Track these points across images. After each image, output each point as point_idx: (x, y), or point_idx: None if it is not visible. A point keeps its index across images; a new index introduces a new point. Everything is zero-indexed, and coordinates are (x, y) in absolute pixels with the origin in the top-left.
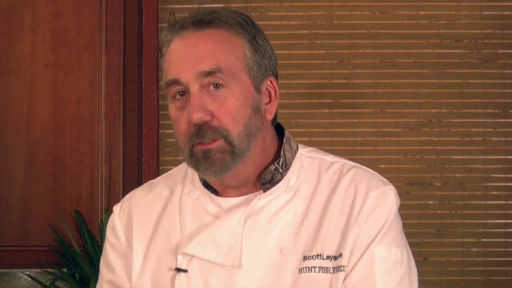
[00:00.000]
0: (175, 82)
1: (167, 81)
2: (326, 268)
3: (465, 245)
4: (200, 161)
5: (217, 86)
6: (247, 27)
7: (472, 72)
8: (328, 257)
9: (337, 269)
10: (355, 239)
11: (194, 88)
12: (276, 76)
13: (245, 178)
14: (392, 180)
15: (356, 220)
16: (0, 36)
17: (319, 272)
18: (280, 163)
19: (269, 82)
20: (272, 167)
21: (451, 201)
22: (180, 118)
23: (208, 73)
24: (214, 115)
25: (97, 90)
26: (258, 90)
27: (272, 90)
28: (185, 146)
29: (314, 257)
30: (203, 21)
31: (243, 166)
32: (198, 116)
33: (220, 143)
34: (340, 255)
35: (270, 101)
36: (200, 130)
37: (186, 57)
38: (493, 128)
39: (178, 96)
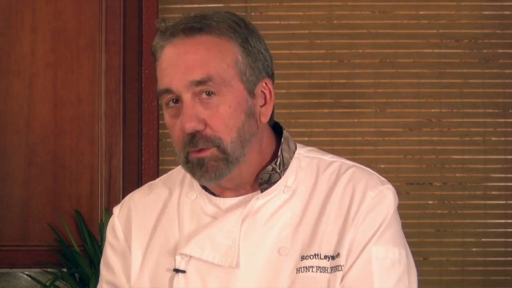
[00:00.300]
0: (168, 91)
1: (159, 89)
2: (324, 267)
3: (465, 245)
4: (195, 168)
5: (209, 93)
6: (239, 30)
7: (472, 72)
8: (325, 256)
9: (335, 268)
10: (352, 239)
11: (186, 97)
12: (272, 76)
13: (241, 181)
14: (392, 180)
15: (354, 220)
16: (0, 36)
17: (316, 271)
18: (278, 163)
19: (263, 84)
20: (270, 167)
21: (451, 201)
22: (174, 125)
23: (199, 82)
24: (207, 123)
25: (97, 90)
26: (252, 94)
27: (267, 92)
28: (181, 152)
29: (311, 256)
30: (193, 28)
31: (239, 170)
32: (191, 126)
33: (213, 151)
34: (338, 254)
35: (265, 103)
36: (193, 139)
37: (177, 66)
38: (493, 128)
39: (171, 104)
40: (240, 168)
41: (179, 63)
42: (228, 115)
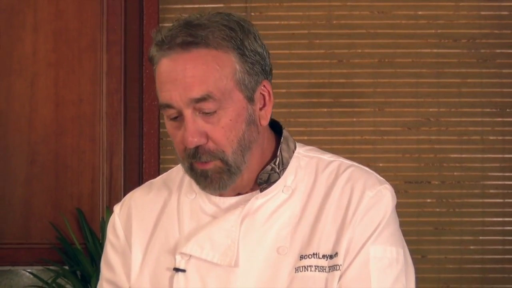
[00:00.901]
0: (168, 106)
1: (160, 103)
2: (322, 267)
3: (463, 243)
4: (199, 178)
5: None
6: (234, 36)
7: (470, 71)
8: (324, 256)
9: (333, 268)
10: (350, 238)
11: (187, 112)
12: (270, 73)
13: (242, 183)
14: (390, 179)
15: (352, 220)
16: (2, 35)
17: (315, 271)
18: (277, 163)
19: (262, 86)
20: (269, 167)
21: (449, 199)
22: (176, 136)
23: (199, 100)
24: (209, 137)
25: (98, 90)
26: (251, 100)
27: (266, 94)
28: (185, 161)
29: (310, 256)
30: (191, 43)
31: (241, 178)
32: (193, 141)
33: (216, 163)
34: (336, 254)
35: (264, 105)
36: (197, 153)
37: (176, 82)
38: (490, 127)
39: (172, 116)
40: (242, 175)
41: (178, 79)
42: (229, 128)
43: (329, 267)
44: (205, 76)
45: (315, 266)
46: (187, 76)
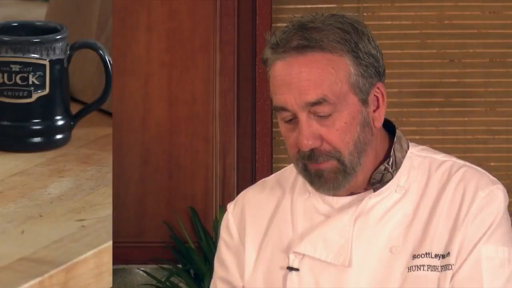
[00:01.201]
0: (283, 109)
1: (275, 106)
2: (435, 266)
3: None
4: (314, 178)
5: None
6: (349, 39)
7: None
8: (436, 255)
9: (445, 267)
10: (462, 238)
11: (302, 116)
12: (383, 74)
13: (356, 184)
14: (502, 178)
15: (464, 220)
16: (116, 36)
17: (427, 270)
18: (390, 163)
19: (376, 89)
20: (382, 167)
21: None
22: (290, 138)
23: (314, 103)
24: (324, 139)
25: (211, 89)
26: (365, 103)
27: (379, 96)
28: (298, 162)
29: (423, 255)
30: (306, 47)
31: (355, 178)
32: (308, 144)
33: (333, 163)
34: (448, 253)
35: (378, 107)
36: (313, 155)
37: (291, 85)
38: None
39: (287, 119)
40: (357, 176)
41: (293, 83)
42: (344, 131)
43: (441, 266)
44: (320, 80)
45: (427, 265)
46: (302, 80)
